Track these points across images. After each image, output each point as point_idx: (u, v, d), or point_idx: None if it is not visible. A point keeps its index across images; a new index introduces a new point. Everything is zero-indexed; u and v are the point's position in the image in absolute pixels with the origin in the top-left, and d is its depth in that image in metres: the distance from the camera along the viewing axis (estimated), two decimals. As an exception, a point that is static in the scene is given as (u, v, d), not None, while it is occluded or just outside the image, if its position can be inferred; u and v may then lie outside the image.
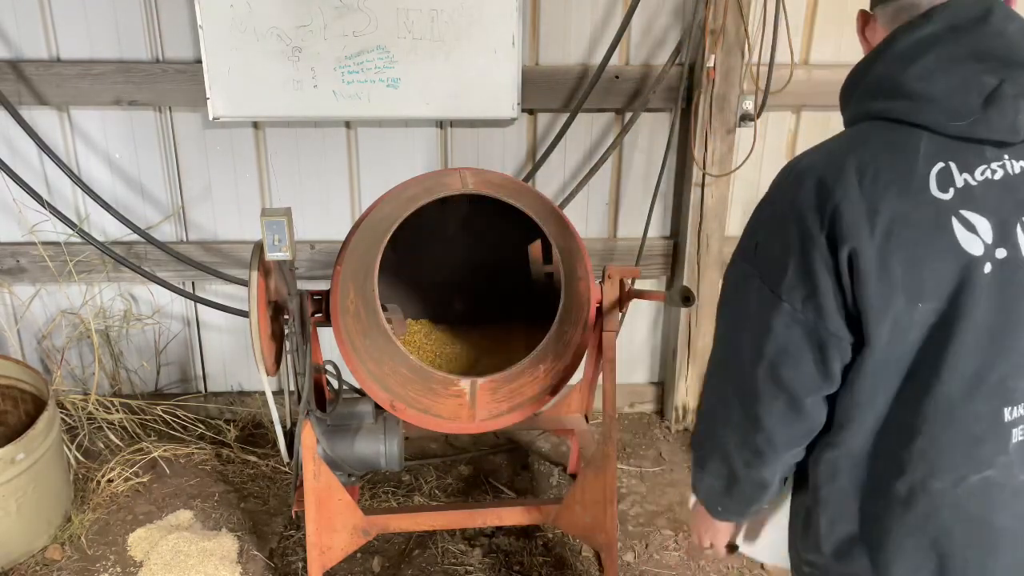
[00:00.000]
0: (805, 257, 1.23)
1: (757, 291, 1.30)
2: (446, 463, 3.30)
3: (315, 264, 3.30)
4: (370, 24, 2.90)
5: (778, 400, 1.31)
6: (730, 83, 3.06)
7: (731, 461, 1.43)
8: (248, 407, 3.50)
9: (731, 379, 1.38)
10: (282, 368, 2.62)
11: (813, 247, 1.22)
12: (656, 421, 3.64)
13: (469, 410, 2.27)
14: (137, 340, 3.41)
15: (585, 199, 3.33)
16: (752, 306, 1.31)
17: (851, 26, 1.61)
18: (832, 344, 1.25)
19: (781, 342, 1.27)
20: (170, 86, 3.01)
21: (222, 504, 3.05)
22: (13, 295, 3.30)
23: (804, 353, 1.27)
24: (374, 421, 2.59)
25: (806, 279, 1.24)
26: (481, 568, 2.79)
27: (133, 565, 2.76)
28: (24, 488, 2.67)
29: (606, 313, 2.48)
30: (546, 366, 2.28)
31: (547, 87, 3.12)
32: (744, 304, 1.33)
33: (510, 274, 2.82)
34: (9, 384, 3.01)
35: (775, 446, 1.36)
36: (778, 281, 1.26)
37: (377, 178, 3.22)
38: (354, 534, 2.53)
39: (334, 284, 2.40)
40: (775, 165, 3.31)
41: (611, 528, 2.61)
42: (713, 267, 3.32)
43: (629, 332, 3.58)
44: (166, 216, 3.24)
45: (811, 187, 1.25)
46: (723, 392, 1.41)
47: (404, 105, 3.02)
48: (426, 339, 2.66)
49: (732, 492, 1.49)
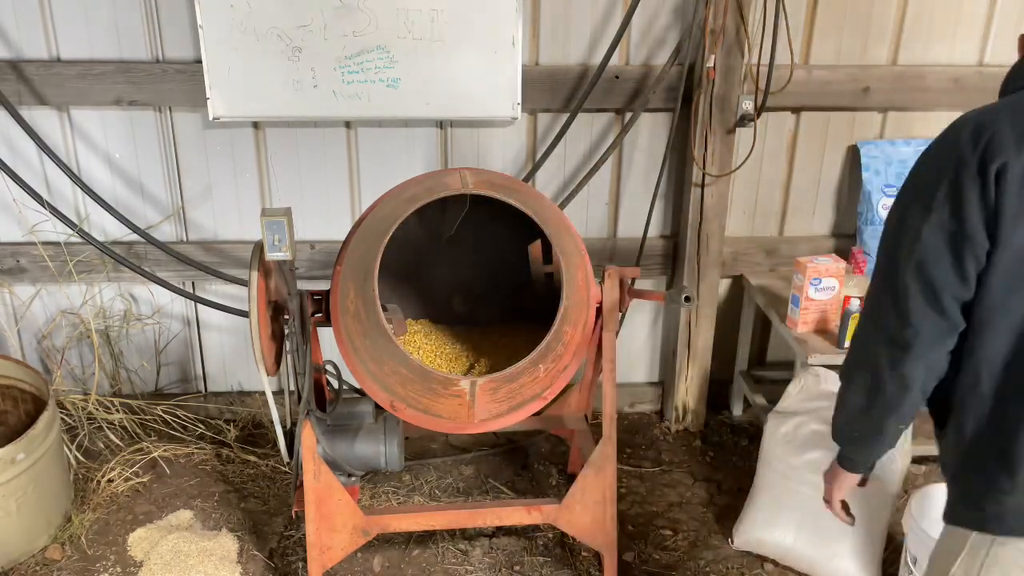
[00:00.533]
0: (957, 177, 1.49)
1: (913, 210, 1.56)
2: (446, 463, 3.30)
3: (315, 264, 3.30)
4: (370, 24, 2.90)
5: (923, 295, 1.54)
6: (730, 83, 3.07)
7: (878, 361, 1.62)
8: (248, 407, 3.51)
9: (886, 286, 1.61)
10: (282, 368, 2.62)
11: (964, 168, 1.48)
12: (656, 421, 3.64)
13: (469, 410, 2.27)
14: (137, 340, 3.41)
15: (585, 199, 3.33)
16: (907, 222, 1.57)
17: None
18: (969, 248, 1.49)
19: (928, 244, 1.52)
20: (170, 86, 3.02)
21: (222, 504, 3.05)
22: (13, 295, 3.30)
23: (944, 256, 1.51)
24: (374, 421, 2.59)
25: (954, 194, 1.49)
26: (481, 568, 2.79)
27: (133, 565, 2.76)
28: (24, 488, 2.67)
29: (606, 313, 2.48)
30: (546, 366, 2.28)
31: (547, 87, 3.12)
32: (900, 222, 1.59)
33: (510, 274, 2.82)
34: (9, 384, 3.01)
35: (921, 338, 1.56)
36: (931, 198, 1.52)
37: (377, 178, 3.22)
38: (354, 534, 2.53)
39: (334, 284, 2.41)
40: (775, 165, 3.36)
41: (611, 528, 2.61)
42: (713, 267, 3.33)
43: (629, 332, 3.58)
44: (166, 216, 3.24)
45: (969, 128, 1.53)
46: (879, 300, 1.64)
47: (404, 105, 3.02)
48: (426, 339, 2.66)
49: (873, 403, 1.66)
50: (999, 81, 1.81)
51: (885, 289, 1.63)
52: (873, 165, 3.25)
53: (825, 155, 3.34)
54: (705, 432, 3.56)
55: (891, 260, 1.61)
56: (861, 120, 3.29)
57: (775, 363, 3.67)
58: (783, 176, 3.38)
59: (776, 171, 3.37)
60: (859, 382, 1.69)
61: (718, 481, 3.24)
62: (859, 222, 3.32)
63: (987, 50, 3.23)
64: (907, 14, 3.16)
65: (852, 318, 2.82)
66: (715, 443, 3.49)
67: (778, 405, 2.85)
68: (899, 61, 3.23)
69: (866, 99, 3.23)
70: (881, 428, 1.71)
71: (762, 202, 3.41)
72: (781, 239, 3.46)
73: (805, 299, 2.95)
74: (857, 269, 3.11)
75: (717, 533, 2.95)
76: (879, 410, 1.67)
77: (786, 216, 3.44)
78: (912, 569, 2.41)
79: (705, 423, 3.59)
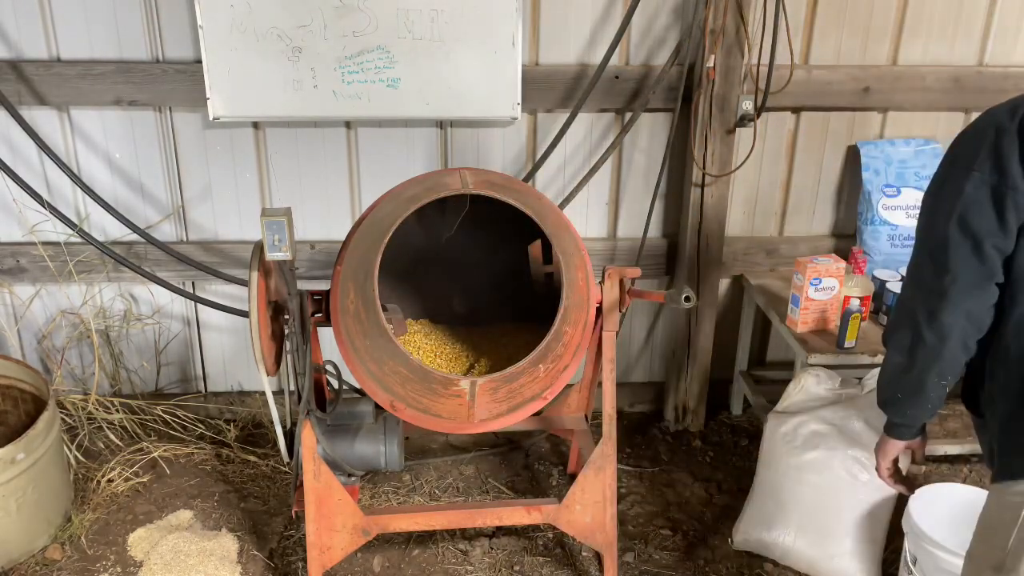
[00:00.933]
0: (997, 139, 1.60)
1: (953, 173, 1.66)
2: (446, 463, 3.30)
3: (315, 264, 3.30)
4: (370, 24, 2.90)
5: (964, 245, 1.62)
6: (730, 83, 3.07)
7: (916, 317, 1.71)
8: (248, 407, 3.51)
9: (926, 245, 1.71)
10: (282, 368, 2.62)
11: (1004, 133, 1.59)
12: (656, 421, 3.64)
13: (469, 410, 2.27)
14: (137, 340, 3.41)
15: (585, 199, 3.33)
16: (948, 185, 1.67)
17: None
18: (1011, 198, 1.58)
19: (970, 198, 1.62)
20: (170, 86, 3.02)
21: (222, 504, 3.05)
22: (13, 295, 3.30)
23: (987, 207, 1.60)
24: (374, 421, 2.59)
25: (995, 153, 1.60)
26: (481, 568, 2.79)
27: (133, 565, 2.76)
28: (24, 488, 2.67)
29: (606, 313, 2.48)
30: (546, 366, 2.28)
31: (547, 87, 3.12)
32: (940, 187, 1.69)
33: (510, 274, 2.82)
34: (9, 384, 3.01)
35: (958, 285, 1.64)
36: (972, 159, 1.63)
37: (377, 178, 3.22)
38: (354, 534, 2.53)
39: (334, 284, 2.41)
40: (775, 165, 3.36)
41: (611, 528, 2.61)
42: (713, 267, 3.33)
43: (629, 332, 3.58)
44: (166, 216, 3.24)
45: (1005, 107, 1.64)
46: (917, 261, 1.74)
47: (404, 105, 3.02)
48: (426, 339, 2.66)
49: (914, 358, 1.73)
50: (999, 81, 1.84)
51: (924, 249, 1.72)
52: (873, 165, 3.25)
53: (825, 155, 3.34)
54: (705, 432, 3.56)
55: (931, 220, 1.70)
56: (861, 120, 3.29)
57: (775, 363, 3.67)
58: (783, 176, 3.38)
59: (776, 171, 3.36)
60: (899, 341, 1.77)
61: (718, 481, 3.24)
62: (859, 222, 3.32)
63: (987, 50, 3.23)
64: (907, 14, 3.16)
65: (852, 318, 2.82)
66: (715, 443, 3.49)
67: (778, 405, 2.85)
68: (899, 61, 3.23)
69: (866, 99, 3.23)
70: (923, 383, 1.76)
71: (762, 202, 3.41)
72: (781, 239, 3.46)
73: (805, 299, 2.95)
74: (857, 269, 3.11)
75: (716, 533, 2.95)
76: (920, 364, 1.73)
77: (786, 216, 3.44)
78: (912, 569, 2.41)
79: (705, 423, 3.59)
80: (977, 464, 3.25)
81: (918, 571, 2.39)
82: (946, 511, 2.40)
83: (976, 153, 1.62)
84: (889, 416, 1.90)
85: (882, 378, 1.87)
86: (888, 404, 1.88)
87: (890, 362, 1.82)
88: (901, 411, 1.86)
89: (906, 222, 3.24)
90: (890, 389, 1.84)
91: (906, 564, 2.46)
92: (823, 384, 2.80)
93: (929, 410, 1.83)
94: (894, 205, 3.24)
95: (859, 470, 2.59)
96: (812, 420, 2.69)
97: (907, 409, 1.84)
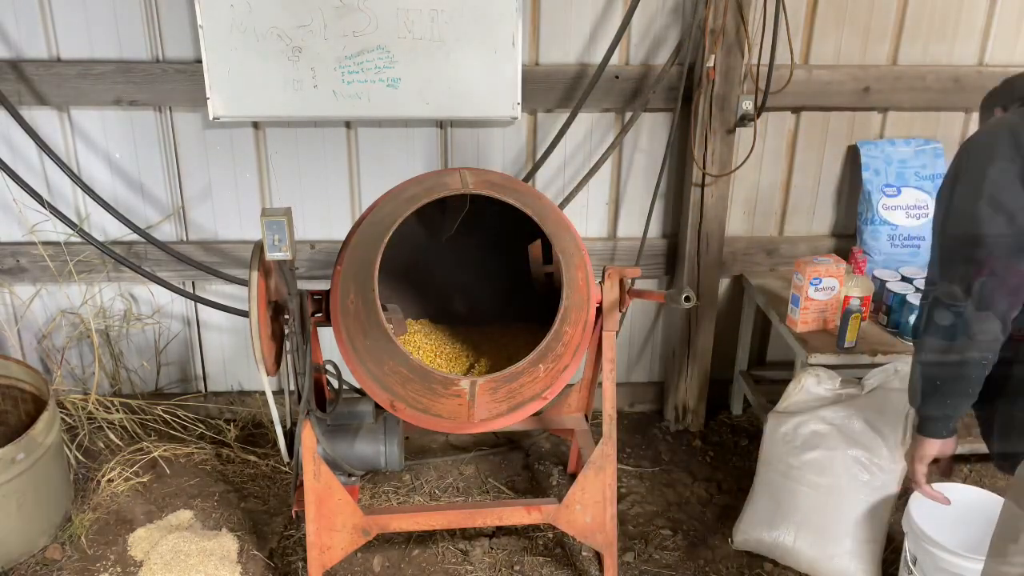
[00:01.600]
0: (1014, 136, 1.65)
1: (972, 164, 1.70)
2: (446, 463, 3.30)
3: (315, 264, 3.30)
4: (370, 24, 2.90)
5: (996, 219, 1.65)
6: (730, 83, 3.07)
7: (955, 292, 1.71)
8: (248, 407, 3.51)
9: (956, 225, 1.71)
10: (282, 368, 2.62)
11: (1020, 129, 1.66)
12: (656, 421, 3.64)
13: (469, 410, 2.27)
14: (137, 340, 3.41)
15: (585, 199, 3.33)
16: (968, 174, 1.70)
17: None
18: None
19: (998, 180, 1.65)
20: (170, 86, 3.02)
21: (222, 504, 3.05)
22: (13, 295, 3.30)
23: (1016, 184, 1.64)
24: (374, 421, 2.59)
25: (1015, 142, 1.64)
26: (481, 568, 2.79)
27: (133, 565, 2.76)
28: (24, 488, 2.67)
29: (606, 313, 2.48)
30: (546, 366, 2.28)
31: (547, 87, 3.12)
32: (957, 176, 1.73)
33: (510, 274, 2.82)
34: (9, 384, 3.01)
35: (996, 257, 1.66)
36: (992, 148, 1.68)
37: (377, 178, 3.22)
38: (354, 534, 2.53)
39: (334, 284, 2.41)
40: (775, 165, 3.36)
41: (611, 528, 2.61)
42: (713, 267, 3.33)
43: (629, 332, 3.58)
44: (166, 216, 3.24)
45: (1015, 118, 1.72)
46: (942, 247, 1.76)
47: (404, 105, 3.02)
48: (426, 339, 2.66)
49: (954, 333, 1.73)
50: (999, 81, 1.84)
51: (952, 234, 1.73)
52: (873, 165, 3.25)
53: (825, 155, 3.34)
54: (705, 432, 3.56)
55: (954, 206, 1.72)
56: (861, 120, 3.29)
57: (775, 363, 3.67)
58: (783, 176, 3.38)
59: (776, 171, 3.36)
60: (938, 321, 1.76)
61: (718, 481, 3.24)
62: (859, 222, 3.32)
63: (987, 50, 3.23)
64: (907, 14, 3.16)
65: (852, 318, 2.82)
66: (715, 443, 3.49)
67: (778, 405, 2.85)
68: (899, 61, 3.23)
69: (866, 99, 3.23)
70: (963, 363, 1.75)
71: (762, 202, 3.41)
72: (781, 239, 3.46)
73: (805, 299, 2.95)
74: (857, 269, 3.11)
75: (717, 533, 2.95)
76: (961, 341, 1.73)
77: (786, 216, 3.44)
78: (912, 569, 2.41)
79: (705, 423, 3.59)
80: (977, 464, 3.25)
81: (918, 571, 2.39)
82: (946, 511, 2.40)
83: (993, 145, 1.67)
84: (926, 412, 1.87)
85: (916, 369, 1.86)
86: (926, 398, 1.85)
87: (927, 346, 1.81)
88: (941, 401, 1.83)
89: (906, 222, 3.24)
90: (926, 381, 1.82)
91: (906, 564, 2.46)
92: (823, 384, 2.80)
93: (969, 395, 1.80)
94: (894, 205, 3.24)
95: (859, 470, 2.59)
96: (812, 420, 2.69)
97: (947, 398, 1.82)
